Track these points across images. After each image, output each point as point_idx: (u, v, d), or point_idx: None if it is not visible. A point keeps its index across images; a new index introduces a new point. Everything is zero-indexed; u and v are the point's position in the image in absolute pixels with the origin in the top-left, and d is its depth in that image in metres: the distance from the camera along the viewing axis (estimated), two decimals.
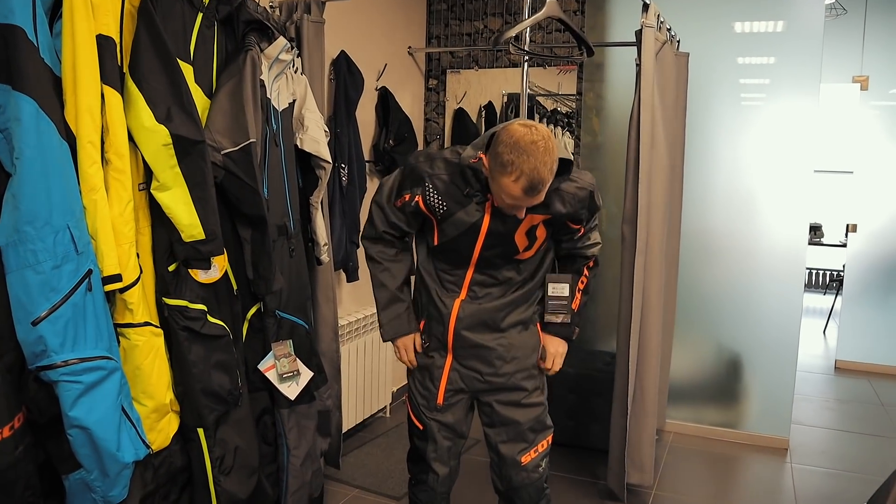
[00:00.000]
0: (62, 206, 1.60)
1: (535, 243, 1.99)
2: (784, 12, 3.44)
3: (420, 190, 1.94)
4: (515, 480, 2.11)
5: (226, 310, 2.13)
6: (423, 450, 2.16)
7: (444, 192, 1.92)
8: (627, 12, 3.66)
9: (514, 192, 1.72)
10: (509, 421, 2.09)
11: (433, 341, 2.11)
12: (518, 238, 1.94)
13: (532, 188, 1.70)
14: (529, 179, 1.68)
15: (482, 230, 1.92)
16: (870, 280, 4.99)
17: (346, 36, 3.38)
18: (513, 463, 2.10)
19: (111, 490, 1.74)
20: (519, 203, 1.77)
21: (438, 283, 2.07)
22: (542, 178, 1.69)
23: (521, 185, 1.70)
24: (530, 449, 2.10)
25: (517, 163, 1.68)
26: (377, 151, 3.70)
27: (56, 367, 1.59)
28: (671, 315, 3.57)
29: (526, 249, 1.98)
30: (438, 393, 2.11)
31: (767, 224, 3.58)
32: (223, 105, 2.06)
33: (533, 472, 2.11)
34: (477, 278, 2.02)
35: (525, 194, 1.72)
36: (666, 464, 3.40)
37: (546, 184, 1.72)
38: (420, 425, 2.16)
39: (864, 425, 3.99)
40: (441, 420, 2.13)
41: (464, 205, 1.91)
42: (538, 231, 1.96)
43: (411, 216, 2.02)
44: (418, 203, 1.95)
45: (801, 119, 3.47)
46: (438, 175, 1.92)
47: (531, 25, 2.55)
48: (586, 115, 3.81)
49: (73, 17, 1.64)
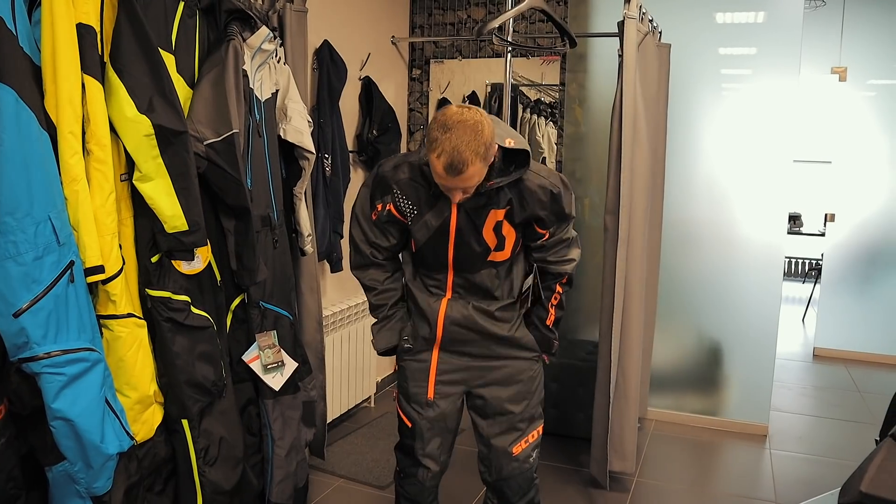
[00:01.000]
0: (43, 197, 1.58)
1: (506, 243, 1.97)
2: (764, 3, 3.48)
3: (389, 197, 1.96)
4: (506, 471, 2.08)
5: (209, 301, 2.12)
6: (412, 446, 2.12)
7: (412, 196, 1.93)
8: (610, 3, 3.67)
9: (437, 169, 1.70)
10: (503, 411, 2.07)
11: (419, 342, 2.08)
12: (486, 235, 1.94)
13: (452, 167, 1.67)
14: (450, 157, 1.66)
15: (451, 228, 1.93)
16: (848, 269, 5.07)
17: (330, 25, 3.36)
18: (504, 453, 2.08)
19: (95, 481, 1.74)
20: (445, 183, 1.75)
21: (424, 289, 2.07)
22: (463, 158, 1.66)
23: (443, 163, 1.67)
24: (521, 439, 2.08)
25: (441, 139, 1.66)
26: (361, 141, 3.69)
27: (38, 359, 1.58)
28: (653, 304, 3.60)
29: (497, 249, 1.96)
30: (428, 387, 2.08)
31: (747, 213, 3.62)
32: (205, 95, 2.04)
33: (524, 463, 2.09)
34: (458, 280, 2.02)
35: (446, 172, 1.69)
36: (648, 451, 3.44)
37: (468, 164, 1.67)
38: (408, 422, 2.12)
39: (841, 411, 4.06)
40: (431, 416, 2.08)
41: (431, 205, 1.92)
42: (504, 230, 1.94)
43: (389, 228, 2.02)
44: (391, 211, 1.97)
45: (780, 109, 3.51)
46: (403, 179, 1.93)
47: (514, 16, 2.55)
48: (569, 105, 3.83)
49: (53, 6, 1.61)
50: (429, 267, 2.04)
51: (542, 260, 2.07)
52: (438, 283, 2.04)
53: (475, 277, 2.01)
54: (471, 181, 1.74)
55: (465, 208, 1.90)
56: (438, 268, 2.02)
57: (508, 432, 2.08)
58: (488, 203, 1.90)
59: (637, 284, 2.96)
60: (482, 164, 1.72)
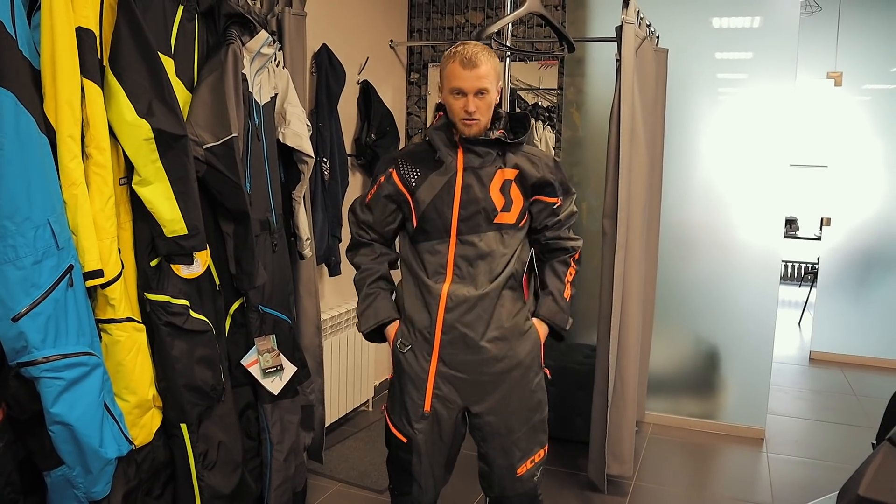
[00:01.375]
0: (42, 201, 1.58)
1: (513, 206, 1.95)
2: (760, 8, 3.49)
3: (392, 166, 2.03)
4: (509, 490, 2.03)
5: (208, 305, 2.12)
6: (408, 463, 2.01)
7: (415, 161, 2.01)
8: (608, 8, 3.68)
9: (455, 71, 1.87)
10: (503, 430, 1.98)
11: (417, 339, 1.98)
12: (493, 193, 1.94)
13: (467, 60, 1.85)
14: (463, 54, 1.86)
15: (458, 183, 1.94)
16: (844, 273, 5.08)
17: (328, 29, 3.37)
18: (507, 474, 2.01)
19: (94, 486, 1.74)
20: (462, 84, 1.86)
21: (423, 269, 1.97)
22: (474, 53, 1.86)
23: (458, 61, 1.86)
24: (526, 459, 2.02)
25: (453, 49, 1.90)
26: (359, 145, 3.69)
27: (37, 364, 1.58)
28: (650, 308, 3.61)
29: (504, 210, 1.94)
30: (425, 399, 1.97)
31: (744, 217, 3.63)
32: (205, 99, 2.04)
33: (528, 482, 2.04)
34: (461, 251, 1.93)
35: (463, 68, 1.85)
36: (645, 454, 3.44)
37: (479, 57, 1.85)
38: (403, 438, 2.01)
39: (837, 415, 4.07)
40: (427, 429, 1.98)
41: (436, 167, 1.98)
42: (512, 191, 1.95)
43: (384, 204, 2.04)
44: (393, 178, 2.01)
45: (776, 114, 3.53)
46: (407, 151, 2.07)
47: (513, 21, 2.56)
48: (567, 109, 3.84)
49: (52, 9, 1.61)
50: (432, 235, 1.96)
51: (555, 237, 2.07)
52: (440, 259, 1.95)
53: (480, 242, 1.93)
54: (483, 81, 1.87)
55: (471, 167, 1.95)
56: (441, 234, 1.95)
57: (512, 453, 2.00)
58: (495, 162, 1.96)
59: (635, 288, 2.97)
60: (493, 67, 1.89)
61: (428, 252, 1.98)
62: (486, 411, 1.99)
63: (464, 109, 1.89)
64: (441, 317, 1.93)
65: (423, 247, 1.99)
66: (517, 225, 1.98)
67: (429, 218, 1.96)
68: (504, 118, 2.02)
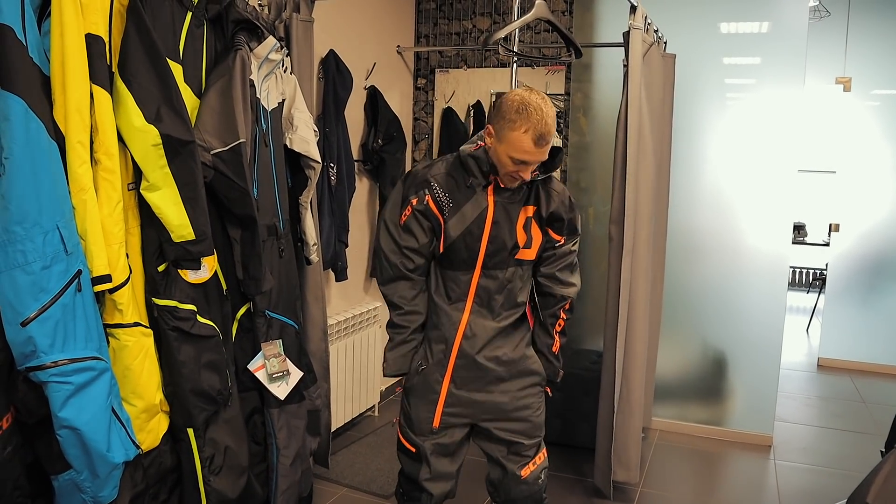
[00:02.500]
0: (51, 207, 1.59)
1: (533, 243, 2.00)
2: (769, 14, 3.48)
3: (426, 190, 1.96)
4: (514, 492, 2.10)
5: (215, 310, 2.12)
6: (416, 471, 2.10)
7: (448, 188, 1.96)
8: (615, 13, 3.68)
9: (524, 144, 1.79)
10: (511, 441, 2.08)
11: (432, 359, 2.04)
12: (518, 230, 1.96)
13: (541, 137, 1.79)
14: (537, 129, 1.78)
15: (488, 218, 1.94)
16: (852, 279, 5.06)
17: (336, 35, 3.38)
18: (513, 477, 2.09)
19: (101, 490, 1.74)
20: (528, 158, 1.82)
21: (444, 296, 2.03)
22: (549, 128, 1.80)
23: (531, 136, 1.78)
24: (529, 462, 2.09)
25: (525, 115, 1.78)
26: (366, 151, 3.70)
27: (45, 368, 1.59)
28: (657, 314, 3.60)
29: (525, 247, 1.98)
30: (435, 416, 2.05)
31: (752, 223, 3.62)
32: (213, 105, 2.05)
33: (533, 485, 2.10)
34: (484, 283, 1.98)
35: (535, 145, 1.80)
36: (652, 461, 3.43)
37: (552, 134, 1.81)
38: (412, 448, 2.10)
39: (846, 422, 4.04)
40: (437, 443, 2.07)
41: (468, 197, 1.95)
42: (532, 229, 1.98)
43: (422, 228, 1.99)
44: (428, 203, 1.96)
45: (785, 119, 3.52)
46: (440, 173, 1.98)
47: (520, 26, 2.56)
48: (574, 114, 3.83)
49: (62, 16, 1.63)
50: (456, 266, 1.99)
51: (550, 277, 2.08)
52: (462, 288, 1.99)
53: (503, 275, 1.98)
54: (547, 151, 1.84)
55: (501, 202, 1.95)
56: (467, 266, 1.98)
57: (517, 458, 2.09)
58: (522, 199, 1.97)
59: (642, 294, 2.96)
60: None
61: (452, 280, 2.02)
62: (493, 428, 2.08)
63: (519, 174, 1.87)
64: (458, 344, 2.02)
65: (447, 274, 2.03)
66: (533, 261, 2.05)
67: (456, 250, 1.98)
68: None
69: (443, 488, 2.12)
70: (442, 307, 2.03)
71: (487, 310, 2.01)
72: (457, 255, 1.98)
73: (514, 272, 2.00)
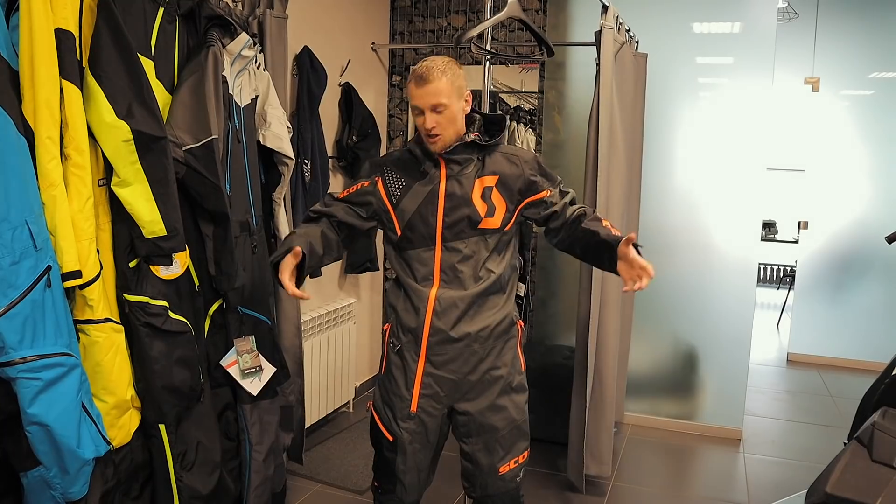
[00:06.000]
0: (20, 202, 1.58)
1: (496, 212, 1.96)
2: (740, 14, 3.54)
3: (378, 173, 2.03)
4: (491, 488, 2.06)
5: (188, 306, 2.12)
6: (392, 461, 2.05)
7: (401, 169, 2.01)
8: (588, 13, 3.72)
9: (411, 90, 1.88)
10: (487, 428, 2.02)
11: (406, 339, 2.01)
12: (476, 200, 1.95)
13: (419, 77, 1.86)
14: (416, 71, 1.87)
15: (440, 193, 1.95)
16: (821, 276, 5.16)
17: (310, 31, 3.38)
18: (490, 472, 2.04)
19: (71, 487, 1.74)
20: (418, 102, 1.87)
21: (410, 275, 2.00)
22: (430, 70, 1.85)
23: (413, 79, 1.87)
24: (509, 459, 2.05)
25: (413, 69, 1.89)
26: (340, 147, 3.70)
27: (14, 364, 1.58)
28: (629, 310, 3.65)
29: (487, 216, 1.96)
30: (412, 399, 2.00)
31: (722, 221, 3.68)
32: (185, 101, 2.05)
33: (510, 482, 2.06)
34: (447, 257, 1.96)
35: (416, 86, 1.86)
36: (624, 455, 3.48)
37: (433, 75, 1.84)
38: (390, 436, 2.04)
39: (813, 416, 4.13)
40: (414, 429, 2.02)
41: (420, 178, 1.99)
42: (493, 197, 1.96)
43: (355, 203, 2.04)
44: (377, 185, 2.02)
45: (755, 118, 3.58)
46: (393, 158, 2.06)
47: (493, 25, 2.58)
48: (548, 112, 3.87)
49: (31, 11, 1.62)
50: (417, 243, 1.98)
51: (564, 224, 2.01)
52: (427, 265, 1.97)
53: (465, 247, 1.95)
54: (438, 97, 1.86)
55: (452, 175, 1.96)
56: (427, 242, 1.97)
57: (495, 451, 2.04)
58: (475, 169, 1.97)
59: (613, 290, 3.00)
60: (448, 84, 1.86)
61: (415, 259, 2.00)
62: (471, 409, 2.03)
63: (423, 126, 1.89)
64: (429, 319, 1.97)
65: (408, 254, 2.01)
66: (502, 229, 1.99)
67: (414, 226, 1.98)
68: (479, 121, 2.02)
69: (420, 479, 2.08)
70: (410, 285, 2.00)
71: (456, 283, 1.97)
72: (415, 231, 1.98)
73: (478, 242, 1.97)
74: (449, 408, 2.05)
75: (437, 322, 1.97)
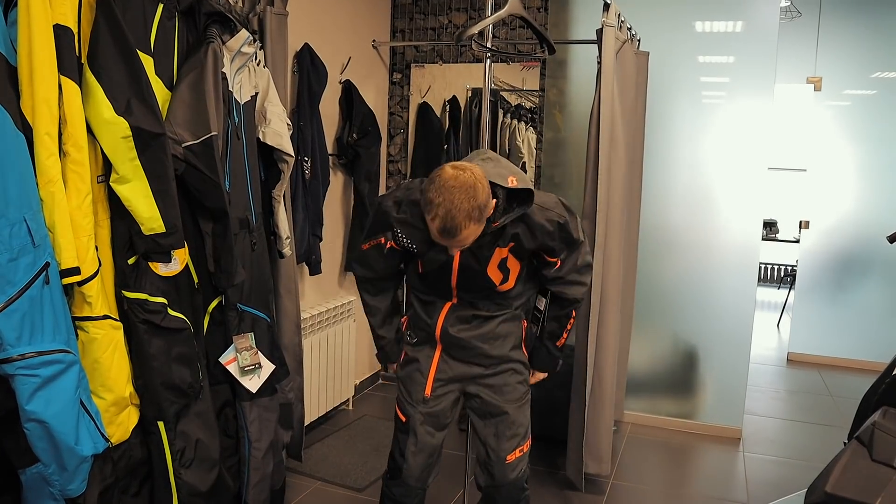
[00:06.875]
0: (18, 199, 1.57)
1: (511, 275, 2.02)
2: (742, 13, 3.53)
3: (390, 234, 2.01)
4: (499, 477, 2.13)
5: (186, 303, 2.12)
6: (403, 442, 2.15)
7: (413, 235, 1.96)
8: (590, 11, 3.72)
9: (433, 231, 1.76)
10: (498, 411, 2.11)
11: (421, 334, 2.14)
12: (492, 273, 1.98)
13: (446, 230, 1.71)
14: (443, 222, 1.70)
15: (454, 267, 1.97)
16: (821, 275, 5.15)
17: (310, 28, 3.37)
18: (497, 459, 2.12)
19: (69, 483, 1.73)
20: (443, 243, 1.80)
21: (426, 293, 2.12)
22: (457, 223, 1.69)
23: (437, 226, 1.72)
24: (517, 448, 2.12)
25: (436, 202, 1.70)
26: (340, 145, 3.70)
27: (12, 361, 1.57)
28: (629, 309, 3.64)
29: (503, 282, 2.02)
30: (427, 383, 2.12)
31: (723, 220, 3.68)
32: (184, 97, 2.04)
33: (516, 471, 2.13)
34: (459, 311, 2.07)
35: (441, 235, 1.74)
36: (623, 454, 3.47)
37: (461, 228, 1.70)
38: (403, 416, 2.16)
39: (813, 415, 4.12)
40: (425, 411, 2.12)
41: (433, 244, 1.92)
42: (510, 263, 1.99)
43: (386, 256, 2.07)
44: (392, 246, 2.04)
45: (756, 118, 3.57)
46: (405, 220, 1.96)
47: (494, 22, 2.57)
48: (549, 110, 3.86)
49: (30, 6, 1.61)
50: (431, 292, 2.09)
51: (556, 284, 2.09)
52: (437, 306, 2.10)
53: (478, 305, 2.07)
54: (466, 241, 1.78)
55: (469, 248, 1.90)
56: (442, 295, 2.07)
57: (506, 437, 2.11)
58: (493, 242, 1.93)
59: (613, 289, 3.00)
60: (476, 226, 1.74)
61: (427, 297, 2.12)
62: (483, 391, 2.13)
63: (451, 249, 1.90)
64: (440, 325, 2.09)
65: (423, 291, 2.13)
66: (517, 287, 2.08)
67: (430, 280, 2.06)
68: (502, 202, 1.86)
69: (424, 462, 2.15)
70: (421, 307, 2.13)
71: (470, 308, 2.08)
72: (430, 286, 2.08)
73: (494, 303, 2.07)
74: (462, 392, 2.17)
75: (448, 328, 2.08)
